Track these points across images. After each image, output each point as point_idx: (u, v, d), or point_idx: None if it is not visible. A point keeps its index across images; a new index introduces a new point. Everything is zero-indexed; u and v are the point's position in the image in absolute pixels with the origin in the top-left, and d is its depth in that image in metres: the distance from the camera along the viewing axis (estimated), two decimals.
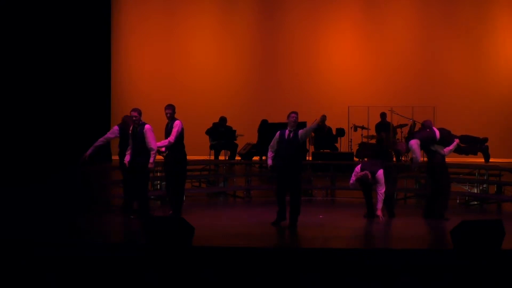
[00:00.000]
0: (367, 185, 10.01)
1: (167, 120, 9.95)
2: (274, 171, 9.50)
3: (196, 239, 7.70)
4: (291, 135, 9.20)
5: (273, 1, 19.79)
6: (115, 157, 17.43)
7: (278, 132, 9.38)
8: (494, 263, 7.07)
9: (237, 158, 16.41)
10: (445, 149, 10.01)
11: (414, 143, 9.98)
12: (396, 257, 7.27)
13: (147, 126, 9.59)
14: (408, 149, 10.28)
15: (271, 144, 9.41)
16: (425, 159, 10.70)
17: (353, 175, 10.07)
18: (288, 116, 9.29)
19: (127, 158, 9.71)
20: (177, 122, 9.82)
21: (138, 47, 19.47)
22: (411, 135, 10.41)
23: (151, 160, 9.51)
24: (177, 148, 9.84)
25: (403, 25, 19.47)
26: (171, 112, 9.88)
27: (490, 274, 6.99)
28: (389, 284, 6.93)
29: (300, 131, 9.32)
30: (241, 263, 7.12)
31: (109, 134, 10.49)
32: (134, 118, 9.64)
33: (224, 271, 7.04)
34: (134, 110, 9.72)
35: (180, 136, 9.85)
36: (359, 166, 10.10)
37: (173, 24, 19.51)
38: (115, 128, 10.42)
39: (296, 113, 9.30)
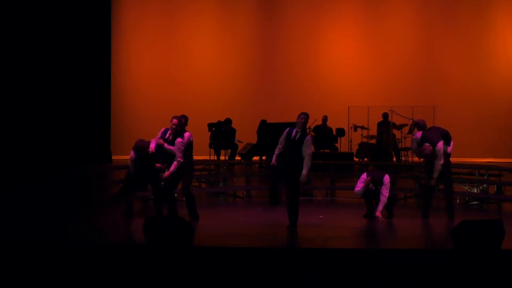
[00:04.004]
0: (373, 190, 9.98)
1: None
2: (273, 169, 9.48)
3: (196, 239, 7.70)
4: (297, 136, 9.17)
5: (274, 1, 19.79)
6: (115, 157, 17.52)
7: (288, 129, 9.34)
8: (494, 263, 7.07)
9: (237, 158, 16.42)
10: (449, 148, 10.01)
11: (442, 146, 9.72)
12: (396, 257, 7.27)
13: (178, 140, 9.33)
14: (434, 153, 9.77)
15: (280, 139, 9.37)
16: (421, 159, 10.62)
17: (359, 182, 10.03)
18: (298, 117, 9.27)
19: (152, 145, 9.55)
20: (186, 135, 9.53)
21: (138, 47, 19.48)
22: (426, 138, 9.90)
23: (172, 168, 9.36)
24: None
25: (403, 25, 19.48)
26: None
27: (490, 274, 6.99)
28: (389, 284, 6.93)
29: (306, 147, 9.10)
30: (241, 263, 7.12)
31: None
32: (173, 126, 9.41)
33: (224, 271, 7.04)
34: (175, 117, 9.50)
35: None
36: (365, 174, 10.08)
37: (173, 24, 19.52)
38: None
39: (305, 114, 9.22)
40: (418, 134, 10.01)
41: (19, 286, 7.06)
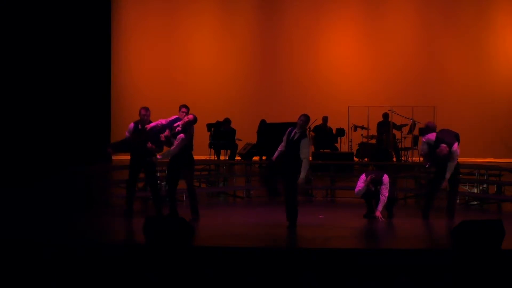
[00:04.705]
0: (372, 190, 9.98)
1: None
2: (271, 164, 9.51)
3: (196, 239, 7.70)
4: (295, 136, 9.19)
5: (274, 1, 19.80)
6: (115, 157, 17.50)
7: (290, 128, 9.36)
8: (494, 263, 7.07)
9: (237, 158, 16.42)
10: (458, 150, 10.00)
11: (457, 147, 9.68)
12: (396, 257, 7.27)
13: (181, 136, 9.31)
14: (450, 154, 9.69)
15: (284, 137, 9.40)
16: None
17: (359, 182, 10.02)
18: (298, 118, 9.28)
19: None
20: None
21: (138, 47, 19.48)
22: (441, 140, 9.71)
23: (159, 155, 9.46)
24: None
25: (403, 25, 19.49)
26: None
27: (490, 274, 6.99)
28: (388, 284, 6.93)
29: (302, 148, 9.07)
30: (241, 263, 7.12)
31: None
32: (186, 120, 9.38)
33: (224, 271, 7.05)
34: (192, 114, 9.52)
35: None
36: (364, 174, 10.07)
37: (173, 24, 19.52)
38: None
39: (305, 116, 9.21)
40: (432, 136, 9.86)
41: (19, 286, 7.06)
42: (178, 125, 9.43)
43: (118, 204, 10.87)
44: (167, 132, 9.43)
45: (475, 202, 11.90)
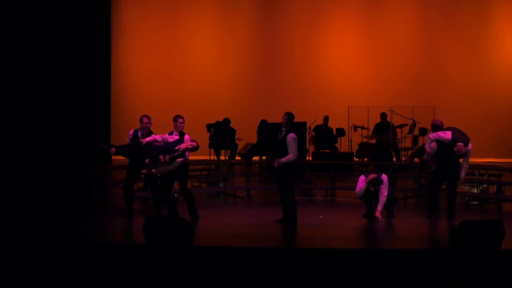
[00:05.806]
0: (372, 191, 9.98)
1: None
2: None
3: (196, 239, 7.71)
4: (281, 135, 9.23)
5: (274, 1, 19.79)
6: (115, 157, 17.49)
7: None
8: (494, 263, 7.07)
9: (237, 158, 16.42)
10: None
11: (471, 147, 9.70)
12: (396, 257, 7.27)
13: (179, 160, 9.45)
14: (466, 153, 9.76)
15: None
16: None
17: (359, 183, 10.01)
18: (282, 117, 9.33)
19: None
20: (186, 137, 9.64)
21: (138, 47, 19.47)
22: (457, 139, 9.72)
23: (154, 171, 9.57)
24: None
25: (403, 25, 19.48)
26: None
27: (490, 274, 6.99)
28: (389, 284, 6.94)
29: (288, 145, 9.15)
30: (241, 263, 7.12)
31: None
32: (190, 146, 9.46)
33: (224, 271, 7.05)
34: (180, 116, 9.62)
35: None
36: (363, 176, 10.06)
37: (173, 24, 19.52)
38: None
39: (287, 114, 9.27)
40: (445, 134, 9.77)
41: (19, 286, 7.06)
42: (178, 149, 9.41)
43: (118, 204, 10.88)
44: (167, 157, 9.42)
45: (475, 202, 11.90)
